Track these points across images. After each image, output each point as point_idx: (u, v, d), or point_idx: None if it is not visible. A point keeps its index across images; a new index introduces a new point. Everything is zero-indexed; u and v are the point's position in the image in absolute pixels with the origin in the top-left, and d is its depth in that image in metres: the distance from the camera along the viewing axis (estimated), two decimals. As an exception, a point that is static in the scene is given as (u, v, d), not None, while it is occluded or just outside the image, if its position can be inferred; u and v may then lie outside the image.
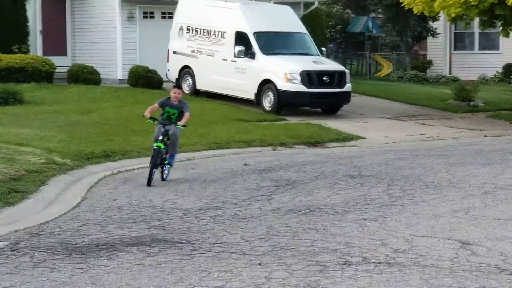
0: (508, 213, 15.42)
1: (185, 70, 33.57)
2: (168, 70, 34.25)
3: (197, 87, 33.10)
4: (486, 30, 35.82)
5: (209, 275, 11.33)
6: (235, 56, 31.38)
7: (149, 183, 18.25)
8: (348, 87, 31.23)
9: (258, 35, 31.36)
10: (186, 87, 33.11)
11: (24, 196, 16.39)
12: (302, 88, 30.08)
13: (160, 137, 18.61)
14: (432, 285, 10.77)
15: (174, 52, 33.82)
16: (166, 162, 18.91)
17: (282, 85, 30.06)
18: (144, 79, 34.25)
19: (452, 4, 29.03)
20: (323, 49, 34.38)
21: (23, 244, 13.18)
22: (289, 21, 33.19)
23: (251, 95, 31.08)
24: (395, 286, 10.78)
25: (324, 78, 30.54)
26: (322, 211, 15.64)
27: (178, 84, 14.82)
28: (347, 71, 32.11)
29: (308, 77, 30.20)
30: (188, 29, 33.49)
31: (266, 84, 30.57)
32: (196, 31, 33.19)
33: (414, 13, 32.78)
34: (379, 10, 50.25)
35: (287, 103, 30.46)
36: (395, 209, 15.78)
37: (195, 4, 33.78)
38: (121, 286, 10.82)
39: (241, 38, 31.47)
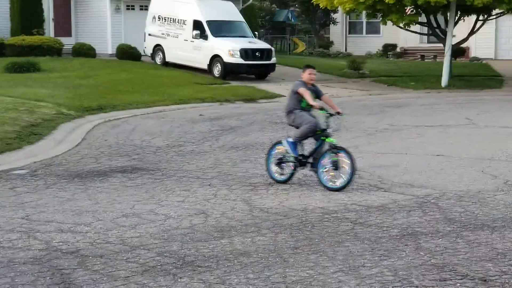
0: (384, 148, 15.53)
1: (157, 48, 33.34)
2: (145, 48, 34.04)
3: (166, 60, 33.00)
4: (371, 20, 35.99)
5: (173, 193, 11.29)
6: (193, 38, 31.36)
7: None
8: (273, 60, 31.34)
9: (209, 22, 31.29)
10: (158, 60, 33.29)
11: (41, 138, 16.18)
12: (241, 61, 30.15)
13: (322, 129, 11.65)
14: (331, 199, 10.80)
15: (149, 34, 33.60)
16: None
17: (227, 58, 30.14)
18: (127, 53, 34.11)
19: (347, 1, 29.12)
20: (256, 33, 34.34)
21: (40, 171, 13.02)
22: (231, 12, 33.09)
23: (205, 66, 31.03)
24: (304, 200, 10.80)
25: (257, 53, 30.58)
26: (254, 147, 15.62)
27: (308, 64, 11.91)
28: (273, 48, 32.08)
29: (245, 53, 30.22)
30: (159, 18, 33.23)
31: (215, 58, 30.55)
32: (165, 19, 32.99)
33: (320, 7, 32.85)
34: (296, 5, 50.14)
35: (231, 71, 30.43)
36: (305, 146, 15.78)
37: (164, 0, 33.57)
38: (110, 201, 10.74)
39: (197, 24, 31.36)
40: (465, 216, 9.76)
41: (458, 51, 38.53)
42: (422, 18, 31.97)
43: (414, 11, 30.71)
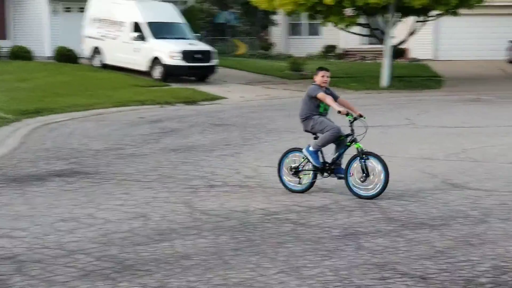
0: (326, 149, 15.57)
1: (96, 50, 33.03)
2: (83, 50, 33.71)
3: (106, 62, 32.70)
4: (311, 21, 36.24)
5: (113, 196, 11.17)
6: (133, 40, 31.16)
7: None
8: (214, 62, 31.35)
9: (149, 24, 31.13)
10: (97, 62, 32.99)
11: (-24, 142, 15.92)
12: (181, 63, 30.10)
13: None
14: (272, 200, 10.84)
15: (88, 37, 33.25)
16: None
17: (167, 60, 30.05)
18: (65, 56, 33.90)
19: (287, 3, 29.24)
20: (197, 35, 34.24)
21: (-25, 176, 12.79)
22: (171, 14, 32.95)
23: (145, 68, 30.84)
24: (245, 201, 10.80)
25: (197, 55, 30.57)
26: (195, 149, 15.56)
27: (321, 67, 11.49)
28: (213, 50, 32.01)
29: (185, 55, 30.16)
30: (97, 20, 32.92)
31: (155, 60, 30.42)
32: (104, 21, 32.71)
33: (261, 9, 32.92)
34: (236, 6, 50.15)
35: (171, 73, 30.33)
36: (247, 147, 15.82)
37: (102, 1, 33.25)
38: (47, 205, 10.57)
39: (137, 26, 31.18)
40: (405, 215, 9.88)
41: (398, 52, 38.97)
42: (363, 20, 32.28)
43: (354, 12, 31.00)
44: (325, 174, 11.25)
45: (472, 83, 33.00)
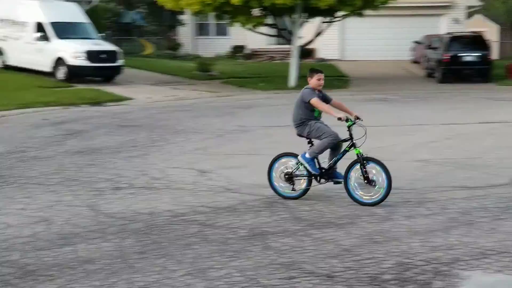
0: (233, 150, 15.64)
1: (-3, 51, 32.46)
2: (-16, 51, 32.95)
3: (8, 63, 32.08)
4: (219, 21, 36.32)
5: (14, 200, 10.90)
6: (36, 40, 30.61)
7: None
8: (120, 62, 31.10)
9: (52, 24, 30.65)
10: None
11: None
12: (86, 63, 29.80)
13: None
14: (179, 202, 10.78)
15: (-11, 38, 32.60)
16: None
17: (72, 61, 29.71)
18: (-35, 57, 33.00)
19: (194, 2, 29.22)
20: (102, 34, 33.86)
21: None
22: (75, 14, 32.46)
23: (48, 69, 30.38)
24: (152, 203, 10.71)
25: (102, 55, 30.24)
26: (100, 151, 15.34)
27: (315, 68, 10.90)
28: (119, 50, 31.71)
29: (90, 55, 29.84)
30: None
31: (59, 60, 29.96)
32: (6, 21, 32.05)
33: (167, 8, 32.78)
34: (143, 6, 49.82)
35: (76, 74, 29.91)
36: (154, 149, 15.69)
37: (4, 1, 32.53)
38: None
39: (40, 26, 30.64)
40: (312, 215, 9.97)
41: (306, 52, 39.38)
42: (270, 20, 32.49)
43: (262, 13, 31.19)
44: (322, 180, 10.88)
45: (377, 83, 33.65)
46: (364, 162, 10.36)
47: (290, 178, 10.92)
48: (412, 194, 10.94)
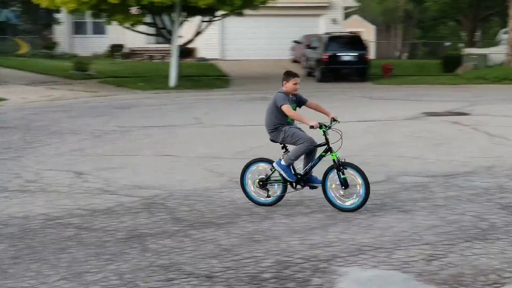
0: (112, 150, 15.43)
1: None
2: None
3: None
4: (97, 20, 35.80)
5: None
6: None
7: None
8: (-7, 61, 30.19)
9: None
10: None
11: None
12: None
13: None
14: (54, 205, 10.54)
15: None
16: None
17: None
18: None
19: (69, 1, 28.75)
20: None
21: None
22: None
23: None
24: (26, 207, 10.42)
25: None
26: (-28, 154, 14.86)
27: (291, 72, 10.42)
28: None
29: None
30: None
31: None
32: None
33: (42, 7, 32.06)
34: (17, 4, 48.59)
35: None
36: (29, 151, 15.30)
37: None
38: None
39: None
40: (192, 215, 9.93)
41: (186, 51, 39.35)
42: (149, 19, 32.29)
43: (140, 11, 30.95)
44: (298, 186, 10.52)
45: (258, 82, 33.95)
46: (341, 167, 10.10)
47: (264, 184, 10.54)
48: (292, 193, 11.06)
